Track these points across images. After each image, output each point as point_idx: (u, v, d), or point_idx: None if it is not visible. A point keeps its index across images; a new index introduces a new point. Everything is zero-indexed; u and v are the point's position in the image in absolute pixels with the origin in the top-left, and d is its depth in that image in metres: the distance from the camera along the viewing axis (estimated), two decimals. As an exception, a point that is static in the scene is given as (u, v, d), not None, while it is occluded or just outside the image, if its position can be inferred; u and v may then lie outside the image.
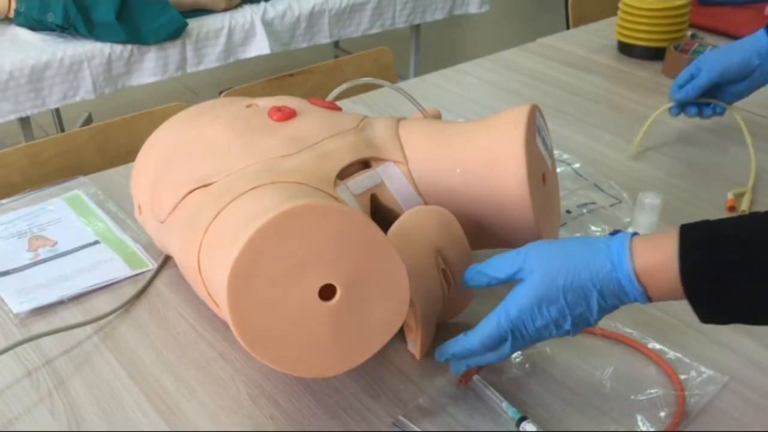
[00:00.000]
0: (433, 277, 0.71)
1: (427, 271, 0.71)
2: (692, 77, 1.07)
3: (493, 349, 0.65)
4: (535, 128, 0.77)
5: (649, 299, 0.60)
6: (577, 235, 0.96)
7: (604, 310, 0.62)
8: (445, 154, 0.77)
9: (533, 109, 0.77)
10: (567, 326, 0.62)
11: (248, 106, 0.84)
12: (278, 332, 0.60)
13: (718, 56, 1.05)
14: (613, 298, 0.61)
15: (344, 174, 0.75)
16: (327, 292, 0.61)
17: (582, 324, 0.62)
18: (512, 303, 0.62)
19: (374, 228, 0.62)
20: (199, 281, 0.70)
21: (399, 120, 0.83)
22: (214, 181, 0.73)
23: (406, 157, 0.78)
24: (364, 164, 0.77)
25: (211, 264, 0.66)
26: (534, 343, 0.65)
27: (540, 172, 0.77)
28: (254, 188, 0.68)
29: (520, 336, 0.63)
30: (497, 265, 0.65)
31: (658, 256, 0.58)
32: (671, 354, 0.76)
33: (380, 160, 0.77)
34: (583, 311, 0.61)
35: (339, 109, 0.86)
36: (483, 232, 0.77)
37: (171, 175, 0.77)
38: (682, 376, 0.73)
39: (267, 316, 0.59)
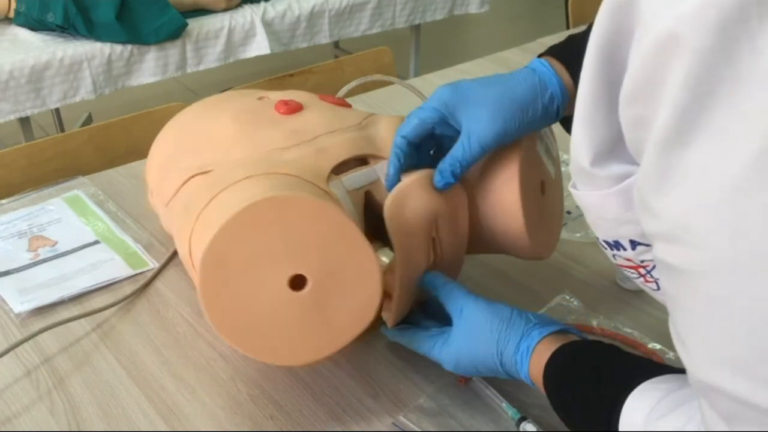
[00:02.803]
0: (423, 244, 0.72)
1: (420, 236, 0.71)
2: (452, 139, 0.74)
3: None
4: (535, 136, 0.76)
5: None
6: (577, 235, 0.96)
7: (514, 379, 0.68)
8: None
9: None
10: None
11: (260, 98, 0.85)
12: (249, 319, 0.62)
13: (487, 115, 0.69)
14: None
15: (342, 169, 0.75)
16: (298, 282, 0.63)
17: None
18: (440, 351, 0.69)
19: (348, 222, 0.63)
20: (190, 264, 0.71)
21: (402, 119, 0.83)
22: (212, 169, 0.74)
23: None
24: (364, 161, 0.78)
25: (195, 249, 0.68)
26: None
27: (538, 180, 0.77)
28: (247, 178, 0.69)
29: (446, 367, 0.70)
30: (451, 291, 0.70)
31: (540, 370, 0.63)
32: (671, 354, 0.76)
33: (378, 157, 0.77)
34: (494, 375, 0.68)
35: (348, 105, 0.86)
36: (474, 237, 0.77)
37: (177, 161, 0.79)
38: (682, 376, 0.73)
39: (238, 302, 0.62)
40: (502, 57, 1.54)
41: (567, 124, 0.69)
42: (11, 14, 2.11)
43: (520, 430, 0.68)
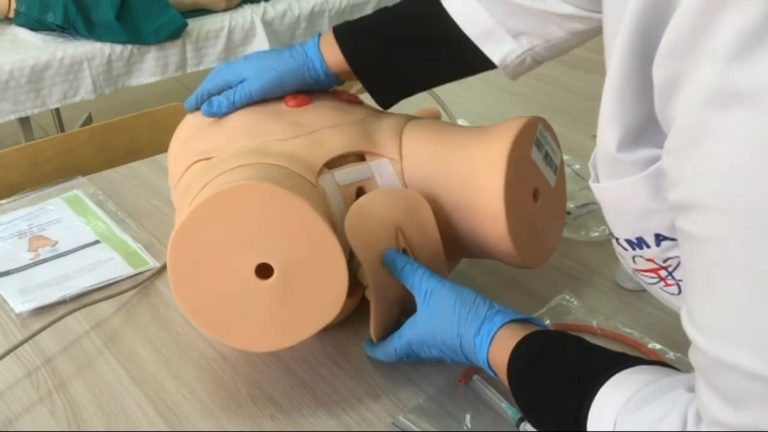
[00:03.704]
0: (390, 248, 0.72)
1: (385, 247, 0.71)
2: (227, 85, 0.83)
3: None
4: (530, 141, 0.75)
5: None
6: (577, 235, 0.96)
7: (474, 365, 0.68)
8: (435, 158, 0.77)
9: (531, 122, 0.75)
10: (449, 361, 0.69)
11: None
12: (215, 301, 0.65)
13: (262, 71, 0.81)
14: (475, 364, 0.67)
15: (338, 164, 0.76)
16: (265, 271, 0.64)
17: (462, 363, 0.68)
18: (404, 336, 0.69)
19: (314, 214, 0.63)
20: None
21: (409, 119, 0.83)
22: (215, 156, 0.76)
23: (402, 155, 0.78)
24: (362, 157, 0.78)
25: None
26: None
27: (530, 187, 0.76)
28: (239, 166, 0.71)
29: (414, 357, 0.71)
30: (411, 273, 0.69)
31: (503, 358, 0.62)
32: (671, 354, 0.76)
33: (375, 155, 0.78)
34: (461, 360, 0.67)
35: (360, 102, 0.87)
36: (462, 240, 0.77)
37: (187, 147, 0.81)
38: (682, 376, 0.73)
39: (206, 284, 0.64)
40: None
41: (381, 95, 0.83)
42: (11, 14, 2.11)
43: (520, 430, 0.68)
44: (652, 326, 0.80)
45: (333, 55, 0.80)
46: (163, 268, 0.89)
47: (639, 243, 0.54)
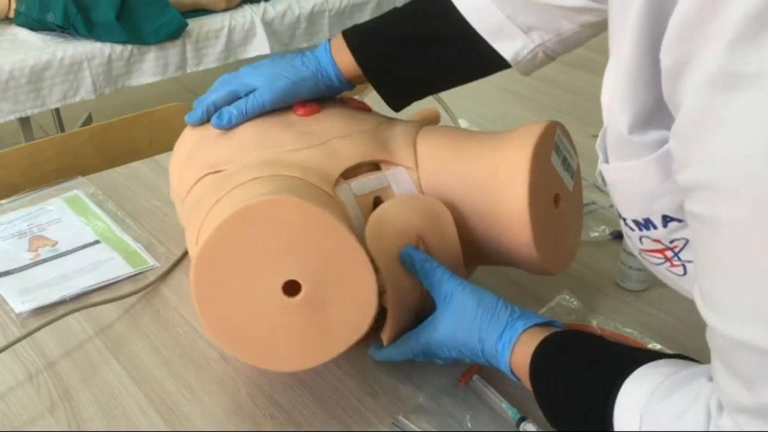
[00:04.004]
0: None
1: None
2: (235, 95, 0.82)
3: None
4: (550, 146, 0.75)
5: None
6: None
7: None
8: (453, 165, 0.76)
9: (549, 126, 0.74)
10: (469, 361, 0.68)
11: None
12: (240, 321, 0.62)
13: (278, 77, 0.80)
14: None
15: (353, 173, 0.75)
16: (292, 288, 0.62)
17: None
18: (423, 337, 0.69)
19: (343, 228, 0.62)
20: None
21: (421, 126, 0.82)
22: (225, 168, 0.75)
23: (418, 163, 0.77)
24: (376, 166, 0.77)
25: None
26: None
27: (551, 192, 0.75)
28: (254, 179, 0.69)
29: (431, 356, 0.70)
30: (430, 273, 0.68)
31: (524, 361, 0.62)
32: (671, 353, 0.76)
33: (390, 163, 0.77)
34: (480, 362, 0.67)
35: (369, 109, 0.86)
36: (482, 248, 0.76)
37: (194, 159, 0.79)
38: (682, 376, 0.73)
39: (230, 303, 0.62)
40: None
41: (392, 97, 0.83)
42: (11, 14, 2.11)
43: (520, 430, 0.68)
44: (652, 326, 0.80)
45: (345, 60, 0.80)
46: (165, 269, 0.89)
47: (646, 224, 0.54)
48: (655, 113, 0.50)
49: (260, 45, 2.34)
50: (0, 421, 0.69)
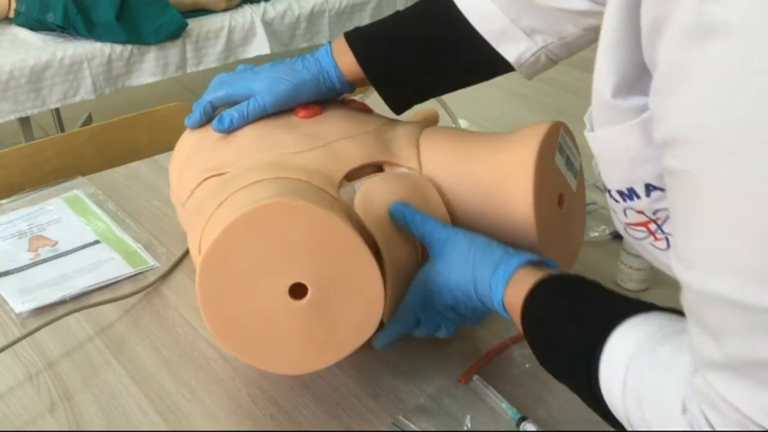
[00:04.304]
0: (401, 233, 0.71)
1: (394, 226, 0.71)
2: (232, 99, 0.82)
3: (413, 329, 0.72)
4: (554, 147, 0.75)
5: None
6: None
7: (488, 310, 0.67)
8: (457, 166, 0.76)
9: (554, 127, 0.75)
10: (463, 308, 0.68)
11: None
12: (247, 324, 0.62)
13: (276, 87, 0.80)
14: (492, 309, 0.66)
15: (356, 175, 0.75)
16: (298, 291, 0.62)
17: (478, 315, 0.69)
18: (417, 287, 0.69)
19: (350, 230, 0.62)
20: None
21: (423, 127, 0.82)
22: (228, 171, 0.74)
23: (421, 165, 0.77)
24: (379, 168, 0.77)
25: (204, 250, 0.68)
26: (447, 324, 0.71)
27: (555, 193, 0.76)
28: (257, 182, 0.69)
29: (428, 312, 0.69)
30: (422, 222, 0.69)
31: (518, 299, 0.62)
32: (671, 354, 0.76)
33: (394, 165, 0.77)
34: (475, 306, 0.67)
35: (370, 110, 0.86)
36: None
37: (195, 162, 0.79)
38: (682, 376, 0.73)
39: (237, 306, 0.61)
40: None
41: (395, 99, 0.83)
42: (11, 14, 2.11)
43: (520, 430, 0.68)
44: (652, 326, 0.80)
45: (347, 62, 0.80)
46: (165, 269, 0.89)
47: (630, 194, 0.55)
48: (638, 78, 0.50)
49: (260, 45, 2.34)
50: (0, 421, 0.69)
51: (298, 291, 0.62)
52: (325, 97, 0.82)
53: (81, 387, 0.73)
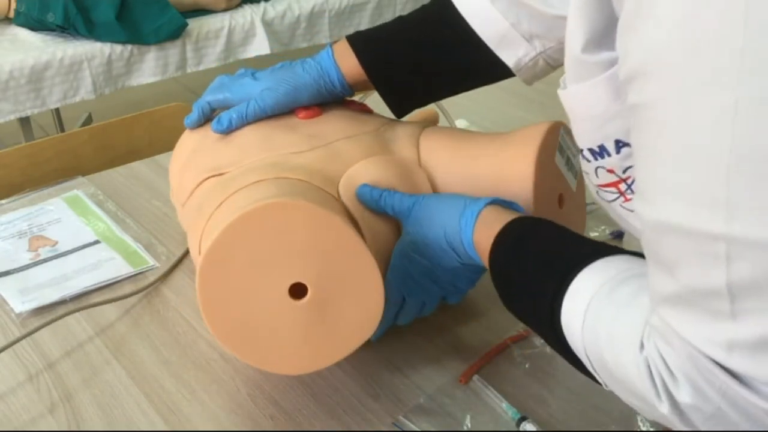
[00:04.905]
0: (381, 218, 0.72)
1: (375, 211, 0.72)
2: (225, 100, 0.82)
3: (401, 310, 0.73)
4: (554, 147, 0.75)
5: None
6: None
7: (462, 266, 0.68)
8: (457, 166, 0.76)
9: (554, 127, 0.75)
10: (439, 268, 0.68)
11: None
12: (247, 325, 0.62)
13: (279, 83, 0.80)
14: (466, 258, 0.66)
15: None
16: (298, 291, 0.62)
17: (455, 277, 0.70)
18: (396, 257, 0.70)
19: (350, 230, 0.62)
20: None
21: (423, 127, 0.82)
22: (228, 171, 0.74)
23: (421, 165, 0.77)
24: None
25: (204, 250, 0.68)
26: (429, 298, 0.72)
27: (555, 193, 0.76)
28: (258, 182, 0.69)
29: (410, 282, 0.70)
30: (390, 197, 0.71)
31: (487, 240, 0.63)
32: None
33: None
34: (447, 264, 0.68)
35: (370, 111, 0.86)
36: None
37: (195, 162, 0.79)
38: (682, 376, 0.73)
39: (237, 306, 0.62)
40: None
41: (396, 104, 0.82)
42: (11, 14, 2.11)
43: (520, 430, 0.68)
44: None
45: (349, 65, 0.80)
46: (165, 269, 0.89)
47: (600, 152, 0.56)
48: (607, 32, 0.51)
49: (260, 45, 2.34)
50: (0, 421, 0.69)
51: (298, 291, 0.62)
52: (325, 100, 0.82)
53: (81, 387, 0.73)
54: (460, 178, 0.75)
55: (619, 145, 0.55)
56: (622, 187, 0.56)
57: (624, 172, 0.56)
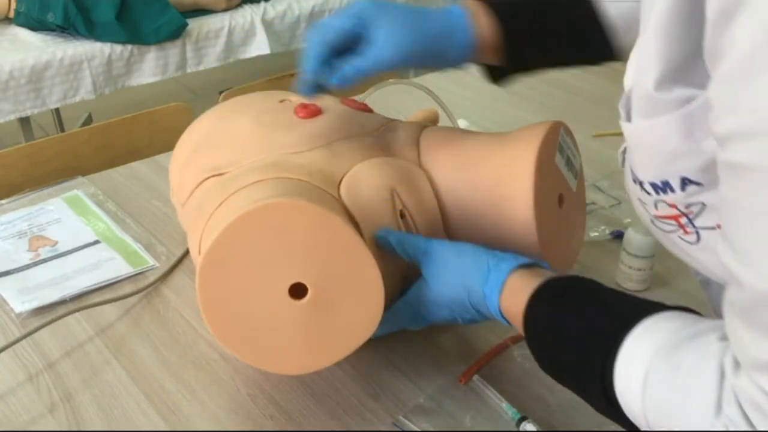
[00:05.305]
0: (387, 214, 0.71)
1: (380, 207, 0.71)
2: (351, 43, 0.71)
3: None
4: (554, 147, 0.75)
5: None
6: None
7: (486, 318, 0.67)
8: (457, 167, 0.76)
9: (554, 127, 0.75)
10: (461, 321, 0.68)
11: (281, 101, 0.85)
12: (247, 325, 0.62)
13: (402, 30, 0.70)
14: (489, 317, 0.65)
15: None
16: (298, 291, 0.62)
17: (476, 322, 0.68)
18: (410, 301, 0.69)
19: (350, 230, 0.62)
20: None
21: (423, 127, 0.82)
22: (228, 171, 0.74)
23: (421, 164, 0.77)
24: None
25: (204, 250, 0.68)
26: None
27: (555, 193, 0.76)
28: (258, 181, 0.69)
29: (424, 322, 0.70)
30: (407, 242, 0.69)
31: (517, 306, 0.61)
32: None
33: None
34: (472, 317, 0.66)
35: (369, 110, 0.86)
36: (487, 248, 0.76)
37: (195, 162, 0.79)
38: (682, 376, 0.73)
39: (237, 306, 0.62)
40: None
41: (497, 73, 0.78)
42: (11, 14, 2.11)
43: (520, 430, 0.68)
44: (652, 326, 0.80)
45: (484, 23, 0.73)
46: (165, 269, 0.89)
47: (664, 187, 0.53)
48: (685, 69, 0.49)
49: (260, 45, 2.34)
50: (0, 422, 0.69)
51: (298, 291, 0.62)
52: (439, 66, 0.76)
53: (81, 387, 0.73)
54: (460, 178, 0.75)
55: (685, 182, 0.52)
56: (683, 220, 0.54)
57: (687, 207, 0.53)
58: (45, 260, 0.90)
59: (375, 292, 0.63)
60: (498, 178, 0.73)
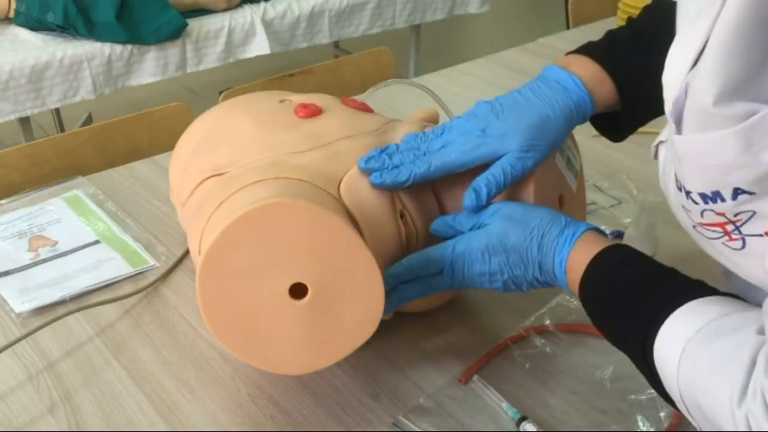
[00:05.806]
0: (387, 214, 0.71)
1: (380, 207, 0.71)
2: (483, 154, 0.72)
3: (429, 276, 0.70)
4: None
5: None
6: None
7: (537, 282, 0.68)
8: None
9: None
10: (498, 284, 0.68)
11: (281, 101, 0.85)
12: (247, 325, 0.62)
13: (525, 142, 0.71)
14: (546, 276, 0.67)
15: None
16: (298, 291, 0.62)
17: (513, 286, 0.69)
18: (463, 241, 0.69)
19: (350, 230, 0.62)
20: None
21: (423, 127, 0.82)
22: (228, 171, 0.74)
23: None
24: None
25: (204, 250, 0.68)
26: (465, 286, 0.70)
27: (556, 193, 0.76)
28: (258, 181, 0.69)
29: (455, 273, 0.69)
30: (463, 220, 0.70)
31: (582, 260, 0.63)
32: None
33: None
34: (519, 275, 0.67)
35: (370, 110, 0.86)
36: None
37: (195, 162, 0.79)
38: (682, 376, 0.73)
39: (237, 306, 0.62)
40: (502, 57, 1.54)
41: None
42: (11, 14, 2.11)
43: (520, 430, 0.68)
44: (652, 326, 0.80)
45: (603, 91, 0.74)
46: (165, 269, 0.89)
47: (714, 197, 0.52)
48: (746, 83, 0.48)
49: (260, 45, 2.34)
50: (0, 422, 0.69)
51: (298, 291, 0.62)
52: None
53: (81, 387, 0.73)
54: (460, 178, 0.75)
55: (738, 192, 0.51)
56: (729, 227, 0.53)
57: (735, 215, 0.52)
58: (45, 260, 0.90)
59: (375, 292, 0.63)
60: None
